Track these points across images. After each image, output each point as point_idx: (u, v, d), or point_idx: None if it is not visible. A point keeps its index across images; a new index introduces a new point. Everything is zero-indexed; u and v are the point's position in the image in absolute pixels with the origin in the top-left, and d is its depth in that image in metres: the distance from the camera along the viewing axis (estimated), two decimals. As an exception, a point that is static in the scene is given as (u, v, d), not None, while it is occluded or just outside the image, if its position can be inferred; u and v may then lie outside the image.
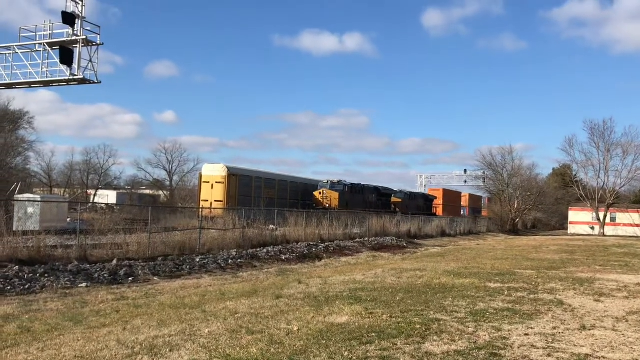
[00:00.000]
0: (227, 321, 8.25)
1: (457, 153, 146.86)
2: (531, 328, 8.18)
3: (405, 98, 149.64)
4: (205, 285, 12.92)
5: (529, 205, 67.63)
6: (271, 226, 23.54)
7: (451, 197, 73.80)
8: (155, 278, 13.77)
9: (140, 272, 13.91)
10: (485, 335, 7.59)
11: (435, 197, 66.57)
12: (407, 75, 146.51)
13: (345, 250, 24.23)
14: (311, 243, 23.51)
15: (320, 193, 41.93)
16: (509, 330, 7.95)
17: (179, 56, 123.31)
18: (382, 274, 15.53)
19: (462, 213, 75.83)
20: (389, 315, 8.91)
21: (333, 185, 43.30)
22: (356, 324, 8.18)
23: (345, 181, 45.33)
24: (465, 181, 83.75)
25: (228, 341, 6.98)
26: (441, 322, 8.42)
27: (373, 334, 7.44)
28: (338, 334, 7.46)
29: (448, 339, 7.27)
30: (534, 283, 13.83)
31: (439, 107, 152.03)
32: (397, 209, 48.77)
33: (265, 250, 19.87)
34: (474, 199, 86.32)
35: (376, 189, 51.04)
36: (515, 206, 65.85)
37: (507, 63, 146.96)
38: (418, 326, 8.03)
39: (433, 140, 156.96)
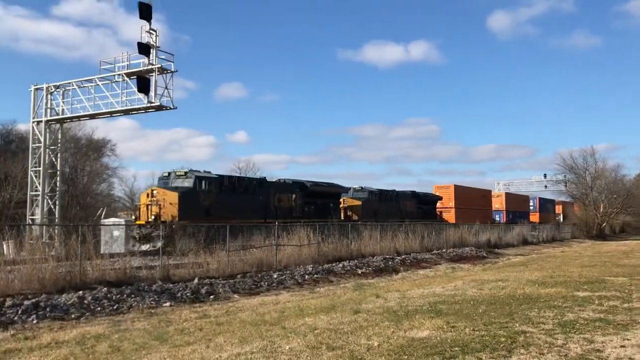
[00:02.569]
0: (306, 337, 8.25)
1: (535, 158, 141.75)
2: (627, 339, 7.69)
3: (476, 103, 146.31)
4: (283, 301, 13.02)
5: (616, 209, 64.03)
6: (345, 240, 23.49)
7: (470, 197, 54.34)
8: (235, 295, 14.02)
9: (220, 290, 14.20)
10: (577, 348, 7.19)
11: (441, 198, 50.00)
12: (477, 80, 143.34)
13: (423, 263, 23.80)
14: (387, 256, 23.26)
15: (147, 196, 27.24)
16: (602, 342, 7.51)
17: (247, 77, 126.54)
18: (462, 285, 15.12)
19: (496, 219, 59.59)
20: (471, 328, 8.63)
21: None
22: (438, 338, 7.97)
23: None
24: (546, 186, 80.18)
25: (309, 358, 6.97)
26: (527, 335, 8.06)
27: (456, 349, 7.21)
28: (420, 348, 7.28)
29: (536, 352, 6.94)
30: (627, 291, 13.04)
31: (513, 111, 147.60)
32: (352, 216, 36.07)
33: (340, 265, 19.83)
34: (516, 201, 68.27)
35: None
36: (601, 210, 62.58)
37: (581, 61, 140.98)
38: (503, 339, 7.72)
39: (509, 145, 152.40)
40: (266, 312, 11.34)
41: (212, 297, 13.51)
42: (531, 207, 71.39)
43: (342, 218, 34.34)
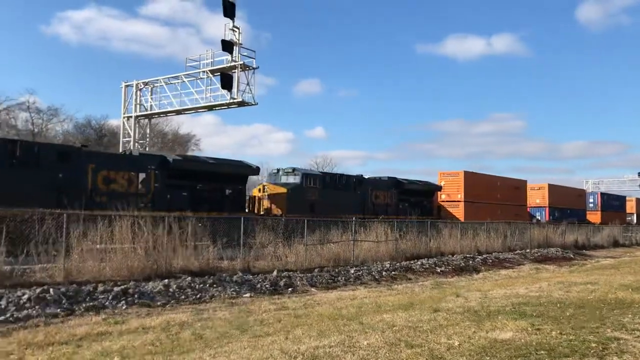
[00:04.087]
0: (385, 334, 8.17)
1: (629, 155, 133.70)
2: None
3: (564, 98, 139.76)
4: (360, 297, 12.97)
5: None
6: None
7: (489, 189, 41.55)
8: (312, 289, 14.12)
9: (298, 283, 14.36)
10: (678, 358, 6.69)
11: (439, 187, 38.61)
12: (565, 74, 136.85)
13: (505, 263, 23.04)
14: (467, 255, 22.69)
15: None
16: None
17: (325, 73, 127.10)
18: (547, 287, 14.48)
19: (538, 217, 49.29)
20: (558, 331, 8.24)
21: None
22: (522, 340, 7.66)
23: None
24: (640, 185, 75.36)
25: (387, 354, 6.88)
26: (621, 341, 7.59)
27: (542, 352, 6.90)
28: (503, 350, 7.02)
29: (632, 361, 6.52)
30: None
31: (604, 106, 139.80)
32: (272, 209, 26.02)
33: (419, 263, 19.54)
34: (565, 195, 54.69)
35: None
36: None
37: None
38: (594, 345, 7.32)
39: (600, 142, 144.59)
40: (343, 306, 11.34)
41: (290, 289, 13.68)
42: (590, 205, 60.50)
43: (255, 211, 26.25)
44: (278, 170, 28.71)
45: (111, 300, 10.74)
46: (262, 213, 25.37)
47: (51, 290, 10.36)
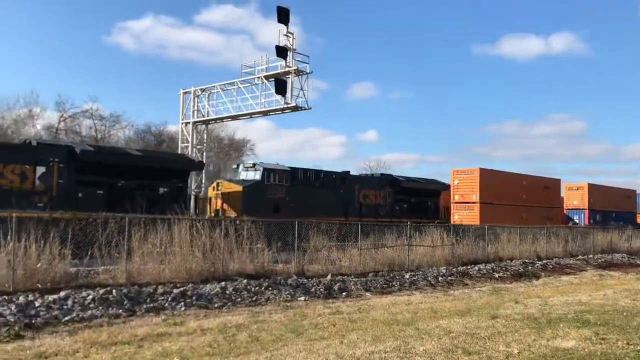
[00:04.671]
0: (441, 340, 8.04)
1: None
2: None
3: (627, 98, 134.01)
4: (416, 302, 12.83)
5: None
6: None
7: (511, 189, 36.14)
8: (367, 293, 14.06)
9: (352, 287, 14.33)
10: None
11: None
12: (628, 73, 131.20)
13: (566, 269, 22.27)
14: (526, 260, 22.07)
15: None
16: None
17: (378, 76, 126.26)
18: (612, 295, 13.92)
19: (576, 220, 44.18)
20: (625, 342, 7.90)
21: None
22: (585, 350, 7.38)
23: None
24: None
25: (444, 361, 6.78)
26: (694, 354, 7.20)
27: (608, 363, 6.63)
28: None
29: None
30: None
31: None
32: (226, 210, 23.50)
33: (476, 268, 19.14)
34: (610, 196, 47.89)
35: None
36: None
37: None
38: (664, 357, 6.97)
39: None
40: (398, 311, 11.24)
41: (344, 293, 13.67)
42: None
43: (212, 212, 24.12)
44: (238, 165, 26.40)
45: (170, 301, 11.02)
46: (212, 215, 22.62)
47: (114, 291, 10.73)
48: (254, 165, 24.90)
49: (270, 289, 12.88)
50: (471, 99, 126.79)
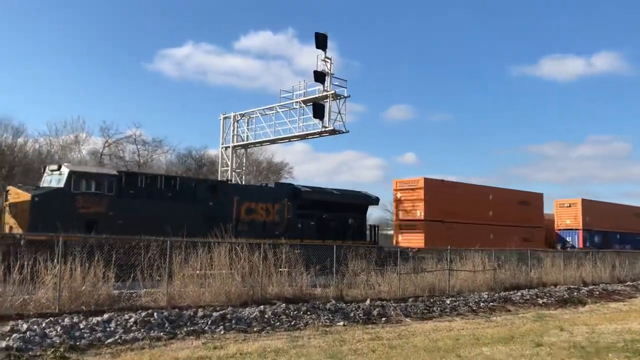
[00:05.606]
0: (484, 368, 7.85)
1: None
2: None
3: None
4: (457, 329, 12.57)
5: None
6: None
7: (471, 203, 30.69)
8: (407, 319, 13.86)
9: (392, 312, 14.15)
10: None
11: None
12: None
13: (614, 295, 21.52)
14: (571, 286, 21.43)
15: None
16: None
17: (415, 98, 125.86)
18: (664, 323, 13.36)
19: (569, 243, 39.03)
20: (679, 373, 7.55)
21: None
22: (637, 381, 7.09)
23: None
24: None
25: (487, 390, 6.60)
26: None
27: (661, 396, 6.34)
28: (616, 392, 6.53)
29: None
30: None
31: None
32: (9, 225, 18.04)
33: (519, 294, 18.68)
34: (612, 214, 41.54)
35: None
36: None
37: None
38: None
39: None
40: (439, 338, 11.03)
41: (383, 319, 13.51)
42: None
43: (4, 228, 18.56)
44: (44, 168, 20.48)
45: (210, 325, 11.09)
46: (8, 231, 17.46)
47: (155, 314, 10.86)
48: (60, 167, 18.99)
49: (308, 313, 12.83)
50: (511, 120, 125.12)
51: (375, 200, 26.71)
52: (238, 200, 22.37)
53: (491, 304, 16.74)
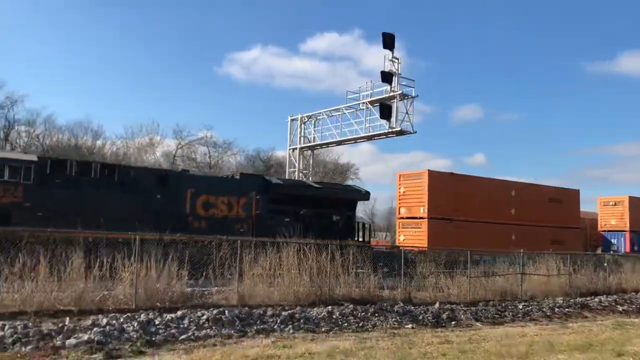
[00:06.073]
0: (561, 377, 7.56)
1: None
2: None
3: None
4: (530, 334, 12.18)
5: None
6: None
7: (487, 198, 27.05)
8: (477, 323, 13.55)
9: (462, 316, 13.87)
10: None
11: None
12: None
13: (702, 304, 20.20)
14: (655, 293, 20.32)
15: None
16: None
17: (485, 97, 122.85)
18: None
19: (613, 245, 35.38)
20: None
21: None
22: None
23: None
24: None
25: (565, 400, 6.35)
26: None
27: None
28: None
29: None
30: None
31: None
32: None
33: (596, 300, 17.88)
34: None
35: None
36: None
37: None
38: None
39: None
40: (512, 343, 10.72)
41: (453, 322, 13.26)
42: None
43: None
44: None
45: (279, 324, 11.23)
46: None
47: (226, 312, 11.11)
48: None
49: (376, 315, 12.77)
50: (585, 118, 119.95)
51: (365, 195, 24.29)
52: (193, 193, 19.75)
53: (566, 309, 16.11)
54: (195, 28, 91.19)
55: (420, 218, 25.30)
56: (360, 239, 22.83)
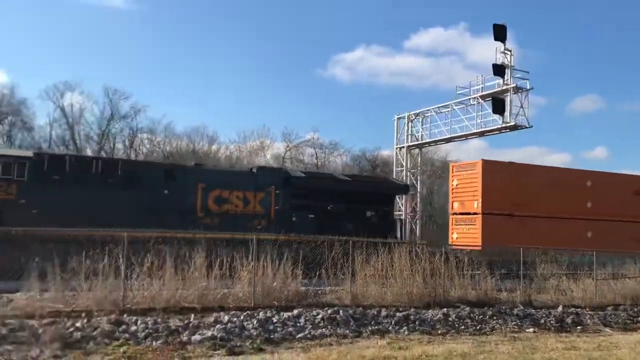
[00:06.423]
0: None
1: None
2: None
3: None
4: (669, 343, 11.15)
5: None
6: None
7: (555, 191, 23.45)
8: (606, 329, 12.68)
9: (588, 321, 13.04)
10: None
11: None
12: None
13: None
14: None
15: None
16: None
17: (604, 87, 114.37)
18: None
19: None
20: None
21: None
22: None
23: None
24: None
25: None
26: None
27: None
28: None
29: None
30: None
31: None
32: None
33: None
34: None
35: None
36: None
37: None
38: None
39: None
40: (648, 352, 9.88)
41: (579, 327, 12.53)
42: None
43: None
44: None
45: (394, 325, 11.15)
46: None
47: (340, 311, 11.18)
48: None
49: (494, 318, 12.33)
50: None
51: (403, 188, 22.77)
52: (204, 188, 18.89)
53: None
54: (299, 33, 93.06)
55: (474, 214, 22.68)
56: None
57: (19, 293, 10.37)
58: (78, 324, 9.02)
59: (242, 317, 10.30)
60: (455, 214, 23.82)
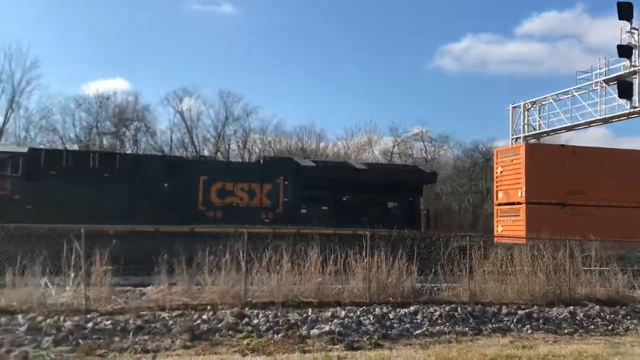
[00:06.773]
0: None
1: None
2: None
3: None
4: None
5: None
6: None
7: (608, 175, 20.44)
8: None
9: None
10: None
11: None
12: None
13: None
14: None
15: None
16: None
17: None
18: None
19: None
20: None
21: None
22: None
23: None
24: None
25: None
26: None
27: None
28: None
29: None
30: None
31: None
32: None
33: None
34: None
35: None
36: None
37: None
38: None
39: None
40: None
41: None
42: None
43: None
44: None
45: (515, 323, 10.71)
46: None
47: (459, 309, 10.91)
48: None
49: (628, 317, 11.50)
50: None
51: (430, 177, 20.59)
52: (206, 181, 18.06)
53: None
54: (404, 26, 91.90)
55: (518, 203, 20.68)
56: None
57: (150, 287, 11.12)
58: (204, 316, 9.51)
59: (358, 313, 10.34)
60: (500, 204, 22.14)
